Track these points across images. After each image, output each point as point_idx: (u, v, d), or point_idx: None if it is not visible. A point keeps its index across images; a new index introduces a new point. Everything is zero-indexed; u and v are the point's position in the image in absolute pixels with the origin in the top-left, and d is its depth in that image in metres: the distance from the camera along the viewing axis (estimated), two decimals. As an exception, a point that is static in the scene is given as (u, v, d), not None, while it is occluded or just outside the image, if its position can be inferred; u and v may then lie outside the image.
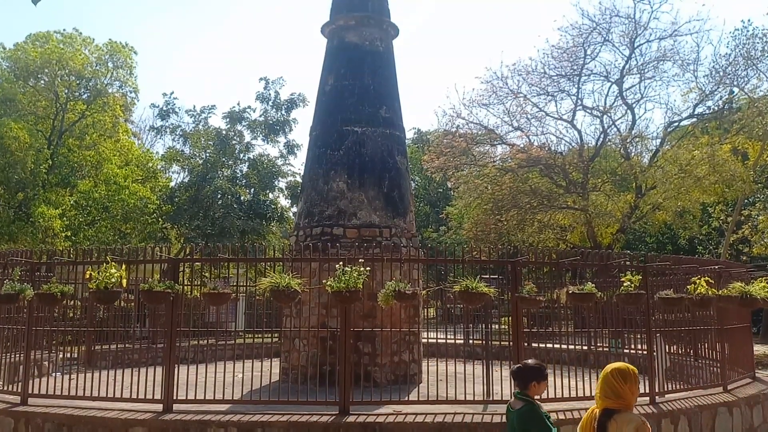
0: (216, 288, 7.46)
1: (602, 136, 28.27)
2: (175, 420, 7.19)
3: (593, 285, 7.44)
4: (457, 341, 13.75)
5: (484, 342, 10.57)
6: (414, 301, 7.28)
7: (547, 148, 28.14)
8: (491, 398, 8.09)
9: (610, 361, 4.58)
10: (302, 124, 72.48)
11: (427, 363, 11.45)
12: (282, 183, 32.55)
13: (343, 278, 6.99)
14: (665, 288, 8.46)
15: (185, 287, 8.42)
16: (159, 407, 7.53)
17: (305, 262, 10.39)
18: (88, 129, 27.46)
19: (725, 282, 9.51)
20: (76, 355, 12.58)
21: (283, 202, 33.17)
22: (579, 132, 28.76)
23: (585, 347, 13.06)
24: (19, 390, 8.27)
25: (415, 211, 16.41)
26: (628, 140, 27.45)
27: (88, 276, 7.49)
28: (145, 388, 7.83)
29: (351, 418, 7.20)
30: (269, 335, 15.99)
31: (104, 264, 7.34)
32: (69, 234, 23.87)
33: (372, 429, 7.01)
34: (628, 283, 7.45)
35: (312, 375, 10.99)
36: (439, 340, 11.94)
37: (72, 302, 10.43)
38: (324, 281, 7.60)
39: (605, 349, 11.22)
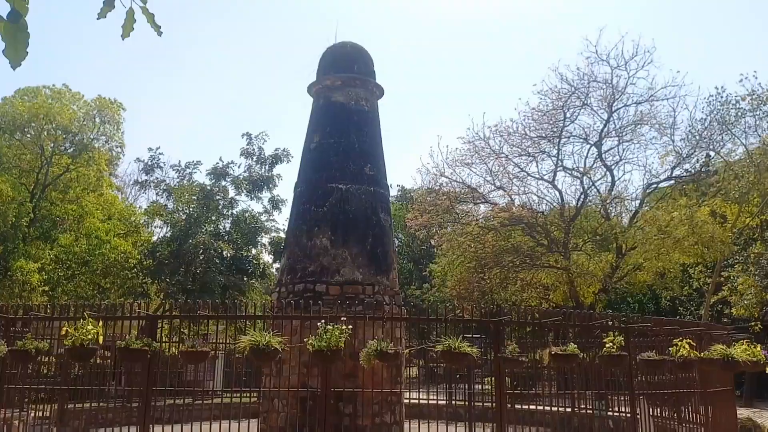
0: (194, 346, 7.33)
1: (582, 196, 28.63)
2: None
3: (576, 345, 7.41)
4: (440, 402, 13.53)
5: (467, 403, 10.41)
6: (397, 361, 7.19)
7: (528, 207, 28.43)
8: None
9: (594, 424, 4.50)
10: (286, 180, 72.57)
11: (409, 425, 11.26)
12: (265, 239, 32.56)
13: (324, 337, 6.90)
14: (648, 349, 8.43)
15: (163, 345, 8.26)
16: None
17: (286, 320, 10.29)
18: (71, 183, 27.41)
19: (707, 344, 9.53)
20: (48, 414, 12.17)
21: (266, 257, 33.11)
22: (560, 192, 29.10)
23: (569, 409, 12.83)
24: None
25: (399, 268, 16.37)
26: (607, 201, 27.82)
27: (63, 332, 7.35)
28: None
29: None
30: (247, 395, 15.66)
31: (81, 320, 7.22)
32: (47, 288, 23.51)
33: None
34: (611, 344, 7.43)
35: None
36: (421, 401, 11.75)
37: (46, 359, 10.17)
38: (306, 339, 7.51)
39: (589, 411, 11.06)
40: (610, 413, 11.81)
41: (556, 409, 12.61)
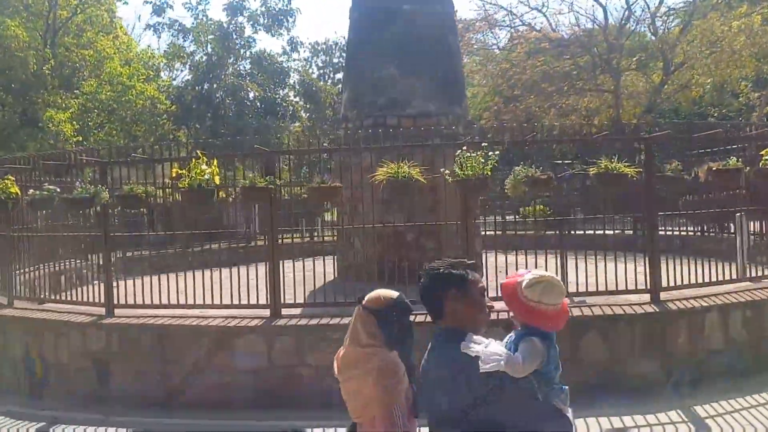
0: (325, 181, 6.68)
1: (626, 12, 26.78)
2: (288, 326, 6.62)
3: (738, 160, 6.72)
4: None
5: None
6: (548, 187, 6.57)
7: (571, 27, 26.73)
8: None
9: None
10: (305, 17, 69.04)
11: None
12: (294, 78, 31.22)
13: (468, 164, 6.21)
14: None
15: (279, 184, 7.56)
16: (266, 312, 6.95)
17: (360, 155, 9.52)
18: (84, 26, 25.62)
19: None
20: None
21: (295, 99, 31.90)
22: (604, 8, 27.23)
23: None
24: (100, 300, 7.58)
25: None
26: (656, 14, 26.04)
27: (174, 174, 6.71)
28: (236, 293, 7.21)
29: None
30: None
31: (194, 160, 6.55)
32: (80, 138, 22.72)
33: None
34: (768, 157, 6.72)
35: (373, 273, 10.35)
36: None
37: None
38: (443, 170, 6.79)
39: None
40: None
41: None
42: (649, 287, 6.89)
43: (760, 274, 7.79)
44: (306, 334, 6.59)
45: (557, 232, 8.38)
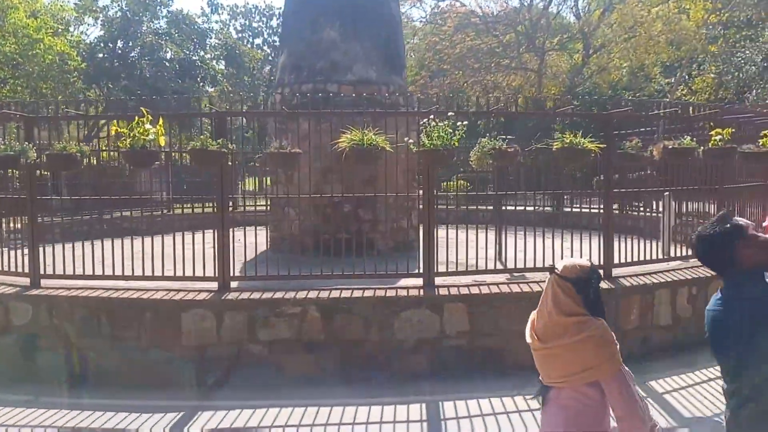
0: (284, 146, 6.24)
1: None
2: (240, 300, 6.21)
3: (690, 139, 6.83)
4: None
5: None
6: (514, 160, 6.42)
7: (502, 4, 26.88)
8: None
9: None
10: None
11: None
12: (213, 41, 29.88)
13: (434, 134, 5.96)
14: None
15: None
16: (214, 285, 6.50)
17: (295, 121, 9.12)
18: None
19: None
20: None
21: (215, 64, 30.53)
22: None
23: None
24: (25, 269, 6.90)
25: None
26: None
27: (114, 131, 6.12)
28: (170, 264, 6.72)
29: (444, 290, 6.41)
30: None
31: (137, 118, 5.97)
32: (-21, 94, 20.84)
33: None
34: (719, 136, 6.89)
35: (308, 245, 10.00)
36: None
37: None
38: (407, 139, 6.54)
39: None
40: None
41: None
42: (602, 264, 6.97)
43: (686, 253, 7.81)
44: (258, 309, 6.23)
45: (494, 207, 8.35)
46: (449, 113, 6.40)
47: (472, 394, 5.71)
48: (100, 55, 26.32)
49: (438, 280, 6.73)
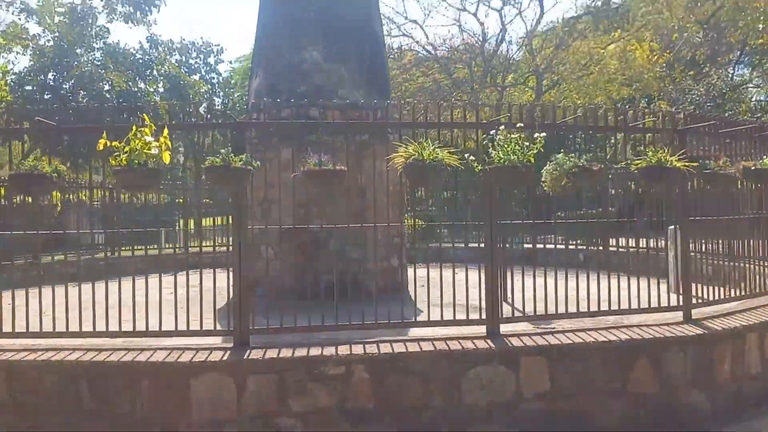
0: (323, 163, 4.94)
1: (502, 32, 27.18)
2: (268, 359, 4.80)
3: (773, 158, 6.00)
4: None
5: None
6: (600, 178, 5.38)
7: (454, 41, 26.64)
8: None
9: None
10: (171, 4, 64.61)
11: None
12: (155, 72, 28.09)
13: (509, 147, 4.82)
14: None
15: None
16: (219, 341, 5.06)
17: (275, 150, 8.09)
18: None
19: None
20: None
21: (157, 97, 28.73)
22: (482, 25, 27.43)
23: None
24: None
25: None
26: (533, 34, 26.58)
27: (102, 146, 4.75)
28: (183, 317, 5.23)
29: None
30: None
31: (135, 128, 4.65)
32: None
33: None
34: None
35: (292, 288, 8.67)
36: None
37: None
38: (468, 155, 5.36)
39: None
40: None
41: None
42: (682, 304, 5.98)
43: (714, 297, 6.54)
44: (290, 370, 4.84)
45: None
46: (518, 125, 5.34)
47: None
48: (29, 87, 24.24)
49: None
